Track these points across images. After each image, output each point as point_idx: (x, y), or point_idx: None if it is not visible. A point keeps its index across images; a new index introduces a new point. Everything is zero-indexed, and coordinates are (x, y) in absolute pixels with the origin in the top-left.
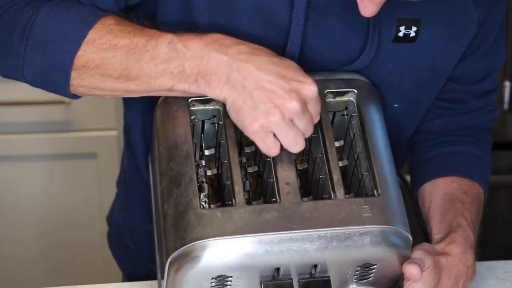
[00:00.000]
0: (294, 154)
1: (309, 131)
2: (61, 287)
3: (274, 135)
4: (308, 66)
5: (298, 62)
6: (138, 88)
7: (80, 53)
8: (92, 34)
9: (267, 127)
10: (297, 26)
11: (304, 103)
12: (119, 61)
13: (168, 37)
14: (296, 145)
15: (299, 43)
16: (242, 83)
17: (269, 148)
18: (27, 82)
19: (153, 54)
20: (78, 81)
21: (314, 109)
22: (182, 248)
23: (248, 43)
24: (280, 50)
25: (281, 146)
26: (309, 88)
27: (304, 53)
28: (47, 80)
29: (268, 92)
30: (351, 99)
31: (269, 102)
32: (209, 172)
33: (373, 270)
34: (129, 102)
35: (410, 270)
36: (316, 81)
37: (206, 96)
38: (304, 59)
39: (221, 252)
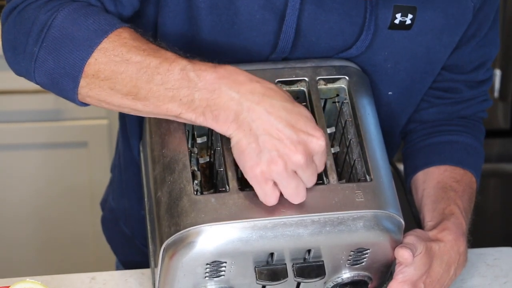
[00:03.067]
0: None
1: (311, 182)
2: (53, 275)
3: (275, 183)
4: (304, 50)
5: (294, 46)
6: (145, 109)
7: (91, 60)
8: (105, 43)
9: (268, 175)
10: (292, 10)
11: (310, 156)
12: (130, 78)
13: (182, 63)
14: (297, 196)
15: (294, 27)
16: (250, 125)
17: (267, 196)
18: (37, 83)
19: (164, 77)
20: (86, 90)
21: (320, 161)
22: (176, 234)
23: (263, 81)
24: (276, 33)
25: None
26: (317, 143)
27: (301, 37)
28: (56, 84)
29: (275, 140)
30: (343, 86)
31: (274, 150)
32: (201, 160)
33: (366, 255)
34: None
35: (402, 254)
36: (308, 68)
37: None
38: (300, 43)
39: (216, 237)
